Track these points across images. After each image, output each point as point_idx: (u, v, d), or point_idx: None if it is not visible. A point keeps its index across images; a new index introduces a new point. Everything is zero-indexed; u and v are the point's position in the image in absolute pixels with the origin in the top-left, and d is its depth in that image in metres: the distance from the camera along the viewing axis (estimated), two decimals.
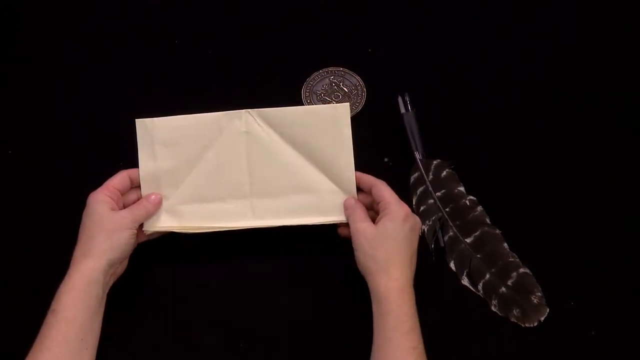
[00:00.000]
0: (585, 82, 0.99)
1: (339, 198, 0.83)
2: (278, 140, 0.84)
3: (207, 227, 0.84)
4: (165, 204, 0.84)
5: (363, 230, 0.79)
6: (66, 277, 0.76)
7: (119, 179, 0.83)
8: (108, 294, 0.79)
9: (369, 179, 0.83)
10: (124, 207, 0.83)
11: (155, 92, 0.99)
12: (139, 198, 0.84)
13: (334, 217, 0.83)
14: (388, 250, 0.77)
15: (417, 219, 0.81)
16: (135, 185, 0.84)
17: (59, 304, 0.74)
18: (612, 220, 0.89)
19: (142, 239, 0.84)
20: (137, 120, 0.84)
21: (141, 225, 0.83)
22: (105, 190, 0.81)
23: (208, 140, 0.84)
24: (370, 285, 0.77)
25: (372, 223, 0.80)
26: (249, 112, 0.84)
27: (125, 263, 0.82)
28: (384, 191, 0.81)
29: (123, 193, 0.83)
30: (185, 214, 0.84)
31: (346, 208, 0.83)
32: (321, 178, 0.84)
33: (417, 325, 0.75)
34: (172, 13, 1.06)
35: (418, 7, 1.05)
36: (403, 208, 0.80)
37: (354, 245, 0.79)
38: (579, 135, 0.95)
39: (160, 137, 0.84)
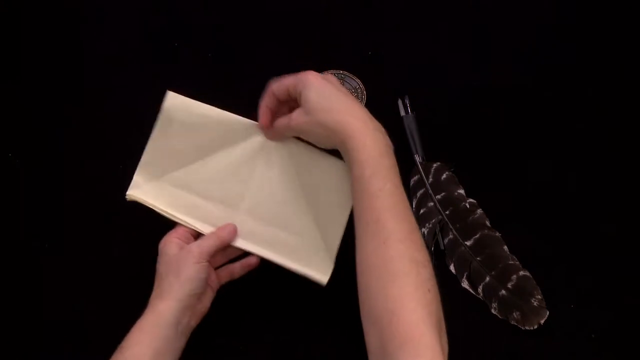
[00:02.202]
0: (586, 84, 0.99)
1: (320, 253, 0.80)
2: (290, 172, 0.81)
3: (185, 221, 0.81)
4: (159, 179, 0.82)
5: (299, 114, 0.75)
6: (140, 318, 0.75)
7: None
8: (193, 331, 0.78)
9: (267, 95, 0.79)
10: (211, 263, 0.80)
11: (155, 94, 0.98)
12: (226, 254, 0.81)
13: (310, 271, 0.80)
14: (332, 108, 0.73)
15: (322, 75, 0.77)
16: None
17: (127, 341, 0.73)
18: (613, 223, 0.89)
19: (225, 279, 0.82)
20: (169, 91, 0.81)
21: (215, 260, 0.80)
22: (174, 233, 0.79)
23: (227, 140, 0.82)
24: (342, 146, 0.73)
25: (293, 112, 0.76)
26: None
27: (206, 301, 0.79)
28: (283, 84, 0.77)
29: (196, 237, 0.80)
30: (171, 197, 0.82)
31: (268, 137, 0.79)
32: (312, 226, 0.81)
33: (386, 163, 0.71)
34: (172, 15, 1.06)
35: (418, 10, 1.05)
36: (309, 74, 0.75)
37: (304, 134, 0.76)
38: (579, 137, 0.95)
39: (183, 117, 0.81)
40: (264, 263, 0.81)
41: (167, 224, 0.82)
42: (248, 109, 0.84)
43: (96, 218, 0.91)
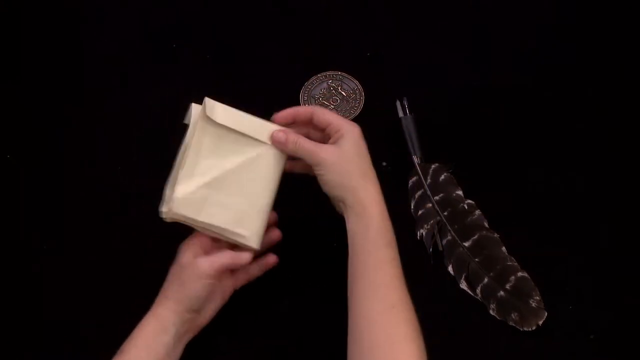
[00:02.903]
0: (586, 84, 0.99)
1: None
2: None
3: (225, 229, 0.79)
4: (197, 191, 0.79)
5: (331, 152, 0.76)
6: (142, 319, 0.75)
7: None
8: (188, 343, 0.77)
9: (305, 109, 0.81)
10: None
11: (155, 94, 0.99)
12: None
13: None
14: (360, 167, 0.77)
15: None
16: None
17: (127, 345, 0.73)
18: (611, 224, 0.89)
19: (242, 282, 0.81)
20: (207, 98, 0.79)
21: (230, 274, 0.80)
22: (196, 238, 0.78)
23: (255, 145, 0.81)
24: (350, 201, 0.75)
25: (329, 145, 0.77)
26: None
27: (208, 314, 0.78)
28: (327, 114, 0.79)
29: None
30: (210, 207, 0.80)
31: (281, 141, 0.78)
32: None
33: (395, 239, 0.75)
34: (172, 15, 1.06)
35: (416, 11, 1.05)
36: (356, 127, 0.78)
37: (323, 169, 0.76)
38: (579, 137, 0.95)
39: (218, 124, 0.80)
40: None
41: (167, 225, 0.82)
42: (248, 110, 0.84)
43: (96, 218, 0.91)
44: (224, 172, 0.81)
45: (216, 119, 0.80)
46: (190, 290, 0.75)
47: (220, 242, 0.80)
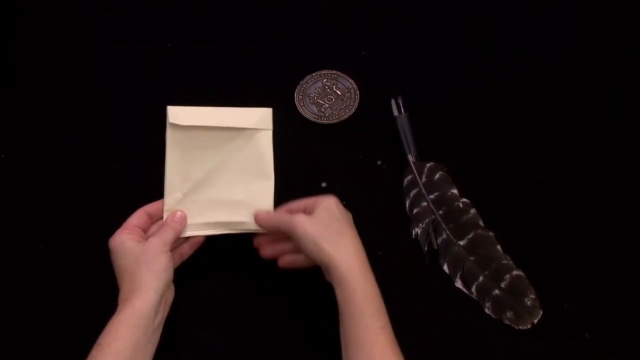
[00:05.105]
0: (581, 85, 0.98)
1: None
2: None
3: (231, 221, 0.84)
4: (185, 199, 0.83)
5: (305, 220, 0.77)
6: (115, 314, 0.75)
7: (137, 217, 0.81)
8: (166, 320, 0.78)
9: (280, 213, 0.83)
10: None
11: (150, 95, 0.99)
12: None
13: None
14: (338, 229, 0.77)
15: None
16: (155, 220, 0.83)
17: (105, 338, 0.73)
18: (606, 223, 0.89)
19: (177, 262, 0.83)
20: (168, 107, 0.82)
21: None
22: (125, 230, 0.80)
23: (232, 135, 0.84)
24: (332, 267, 0.75)
25: (301, 214, 0.79)
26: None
27: (172, 289, 0.80)
28: (300, 201, 0.81)
29: (145, 230, 0.81)
30: (204, 212, 0.84)
31: (258, 220, 0.82)
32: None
33: (382, 303, 0.74)
34: (167, 15, 1.06)
35: (412, 10, 1.04)
36: (331, 197, 0.80)
37: (300, 236, 0.77)
38: (573, 138, 0.95)
39: (189, 126, 0.82)
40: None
41: None
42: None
43: (96, 218, 0.92)
44: (207, 171, 0.83)
45: (182, 122, 0.82)
46: (159, 266, 0.76)
47: (145, 224, 0.82)
